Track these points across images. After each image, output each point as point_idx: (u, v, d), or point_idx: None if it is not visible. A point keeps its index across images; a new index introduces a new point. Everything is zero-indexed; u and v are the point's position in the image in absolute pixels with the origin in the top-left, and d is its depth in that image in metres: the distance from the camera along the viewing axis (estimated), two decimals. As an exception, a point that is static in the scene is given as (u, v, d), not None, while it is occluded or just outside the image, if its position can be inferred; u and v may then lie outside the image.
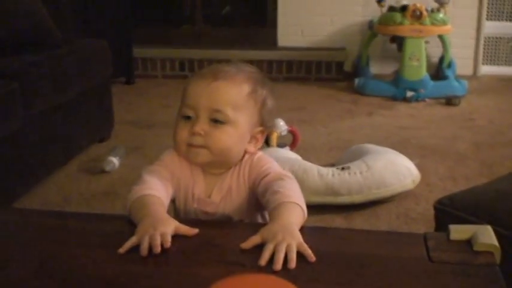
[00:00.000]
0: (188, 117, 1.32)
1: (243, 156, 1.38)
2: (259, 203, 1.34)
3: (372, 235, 1.31)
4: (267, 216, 1.33)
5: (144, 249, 1.09)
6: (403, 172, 2.82)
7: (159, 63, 5.52)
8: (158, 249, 1.09)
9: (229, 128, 1.30)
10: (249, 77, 1.36)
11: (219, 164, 1.36)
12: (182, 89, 1.37)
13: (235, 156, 1.36)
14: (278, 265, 1.03)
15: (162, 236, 1.11)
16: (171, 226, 1.15)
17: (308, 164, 2.85)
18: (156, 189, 1.30)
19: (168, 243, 1.10)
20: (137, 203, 1.26)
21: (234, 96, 1.31)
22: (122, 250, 1.11)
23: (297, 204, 1.21)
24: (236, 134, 1.32)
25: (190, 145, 1.31)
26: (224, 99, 1.30)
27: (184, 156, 1.36)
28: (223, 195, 1.37)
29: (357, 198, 2.72)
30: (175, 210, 1.42)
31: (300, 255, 1.06)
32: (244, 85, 1.33)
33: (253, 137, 1.38)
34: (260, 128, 1.38)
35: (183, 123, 1.32)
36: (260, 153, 1.40)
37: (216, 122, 1.29)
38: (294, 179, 1.32)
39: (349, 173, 2.75)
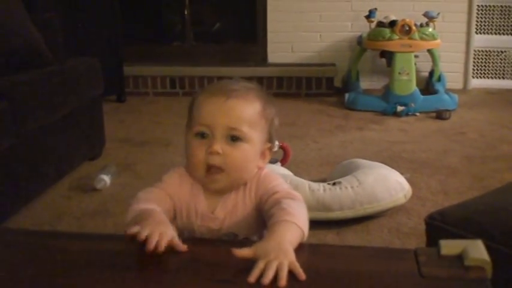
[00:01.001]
0: (202, 136, 1.32)
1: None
2: (265, 220, 1.33)
3: (362, 251, 1.30)
4: None
5: (150, 244, 1.10)
6: (394, 187, 2.82)
7: (150, 80, 5.52)
8: (162, 247, 1.11)
9: (246, 145, 1.32)
10: (258, 95, 1.37)
11: (234, 185, 1.36)
12: (189, 107, 1.37)
13: (249, 173, 1.37)
14: (266, 279, 1.02)
15: (160, 235, 1.13)
16: (172, 232, 1.17)
17: (299, 180, 2.85)
18: (154, 204, 1.30)
19: (162, 246, 1.12)
20: (137, 217, 1.25)
21: (249, 114, 1.32)
22: (128, 232, 1.13)
23: (297, 225, 1.20)
24: (252, 151, 1.33)
25: (209, 166, 1.31)
26: (241, 116, 1.31)
27: (199, 181, 1.36)
28: (227, 212, 1.37)
29: (349, 214, 2.72)
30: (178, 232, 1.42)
31: (292, 273, 1.05)
32: (256, 103, 1.35)
33: (262, 153, 1.39)
34: (269, 145, 1.40)
35: (197, 143, 1.32)
36: (266, 170, 1.41)
37: (232, 140, 1.30)
38: (302, 201, 1.32)
39: (341, 188, 2.75)
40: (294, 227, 1.19)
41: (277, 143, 3.36)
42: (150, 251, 1.10)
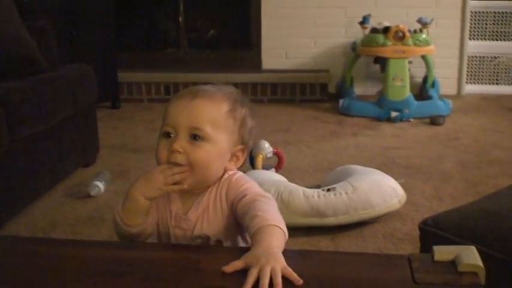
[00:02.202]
0: (169, 136, 1.33)
1: (223, 175, 1.38)
2: (239, 224, 1.33)
3: (355, 257, 1.30)
4: (248, 238, 1.32)
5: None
6: (388, 192, 2.82)
7: (144, 87, 5.52)
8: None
9: (208, 145, 1.31)
10: (228, 96, 1.37)
11: (199, 185, 1.36)
12: (164, 110, 1.38)
13: (214, 174, 1.36)
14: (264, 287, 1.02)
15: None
16: None
17: (293, 186, 2.85)
18: None
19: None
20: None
21: (213, 114, 1.33)
22: None
23: (276, 226, 1.19)
24: (215, 151, 1.33)
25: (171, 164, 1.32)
26: (203, 116, 1.31)
27: None
28: (199, 213, 1.37)
29: (343, 219, 2.72)
30: (158, 233, 1.43)
31: (285, 279, 1.05)
32: (224, 103, 1.35)
33: (233, 155, 1.39)
34: (240, 147, 1.39)
35: (164, 142, 1.34)
36: (239, 174, 1.41)
37: (195, 139, 1.31)
38: (271, 199, 1.31)
39: (335, 194, 2.75)
40: (274, 230, 1.19)
41: (271, 149, 3.37)
42: None
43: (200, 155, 1.31)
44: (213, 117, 1.32)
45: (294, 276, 1.05)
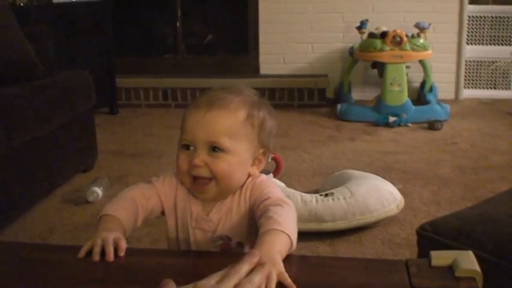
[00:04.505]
0: (188, 148, 1.32)
1: (247, 178, 1.38)
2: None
3: (353, 262, 1.30)
4: None
5: (95, 254, 1.16)
6: (386, 197, 2.82)
7: (142, 92, 5.52)
8: (111, 257, 1.15)
9: (229, 156, 1.31)
10: (244, 101, 1.35)
11: (225, 193, 1.36)
12: (181, 117, 1.37)
13: (238, 182, 1.36)
14: None
15: (116, 240, 1.18)
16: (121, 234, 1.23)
17: (291, 191, 2.85)
18: (122, 212, 1.33)
19: (122, 250, 1.17)
20: (101, 220, 1.31)
21: (229, 125, 1.31)
22: (79, 255, 1.18)
23: (286, 233, 1.18)
24: (236, 161, 1.32)
25: (196, 178, 1.32)
26: (219, 129, 1.30)
27: (189, 189, 1.37)
28: (222, 215, 1.37)
29: (341, 225, 2.72)
30: (167, 231, 1.43)
31: (282, 284, 1.05)
32: (240, 111, 1.33)
33: (255, 159, 1.38)
34: (262, 150, 1.38)
35: (183, 154, 1.33)
36: (263, 177, 1.40)
37: (214, 150, 1.30)
38: (292, 207, 1.30)
39: (333, 199, 2.75)
40: (282, 236, 1.18)
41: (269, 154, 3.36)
42: (111, 259, 1.15)
43: (222, 166, 1.30)
44: (230, 128, 1.31)
45: (288, 282, 1.05)
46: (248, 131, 1.34)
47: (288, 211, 1.27)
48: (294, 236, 1.20)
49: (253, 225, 1.35)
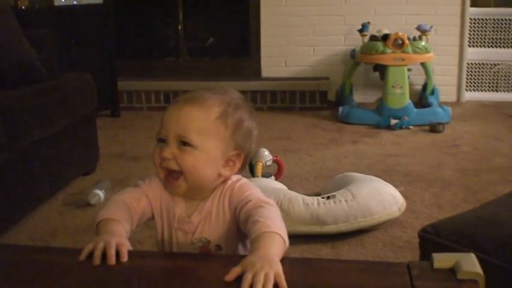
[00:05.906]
0: (163, 142, 1.35)
1: (226, 181, 1.40)
2: (240, 231, 1.34)
3: (355, 265, 1.30)
4: (248, 245, 1.33)
5: (96, 258, 1.16)
6: (388, 200, 2.82)
7: (144, 95, 5.52)
8: (113, 260, 1.15)
9: (197, 152, 1.33)
10: (222, 101, 1.37)
11: (196, 191, 1.38)
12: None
13: (207, 179, 1.37)
14: None
15: (118, 245, 1.18)
16: (125, 239, 1.24)
17: (293, 194, 2.85)
18: (118, 214, 1.35)
19: (124, 256, 1.17)
20: (100, 225, 1.32)
21: (199, 122, 1.33)
22: (81, 258, 1.18)
23: (277, 233, 1.20)
24: (203, 158, 1.33)
25: (168, 171, 1.35)
26: (189, 124, 1.32)
27: (164, 184, 1.40)
28: (202, 218, 1.39)
29: (343, 227, 2.72)
30: (156, 232, 1.45)
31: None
32: (214, 109, 1.35)
33: (229, 160, 1.38)
34: (235, 152, 1.38)
35: (158, 147, 1.36)
36: (243, 180, 1.42)
37: (184, 145, 1.32)
38: (274, 206, 1.32)
39: (335, 202, 2.75)
40: (274, 237, 1.20)
41: (271, 157, 3.37)
42: (113, 263, 1.15)
43: (188, 161, 1.32)
44: (201, 124, 1.33)
45: (283, 284, 1.06)
46: (220, 129, 1.35)
47: (271, 211, 1.29)
48: (285, 234, 1.22)
49: (234, 230, 1.37)
